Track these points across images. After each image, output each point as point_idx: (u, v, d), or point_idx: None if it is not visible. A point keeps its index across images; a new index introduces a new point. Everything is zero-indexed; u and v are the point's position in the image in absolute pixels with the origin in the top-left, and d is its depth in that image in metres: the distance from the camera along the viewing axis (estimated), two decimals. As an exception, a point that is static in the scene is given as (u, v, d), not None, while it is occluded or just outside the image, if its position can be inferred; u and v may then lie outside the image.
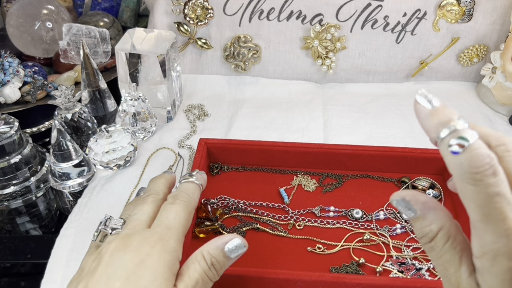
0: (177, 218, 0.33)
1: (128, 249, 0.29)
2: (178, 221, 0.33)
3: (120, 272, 0.28)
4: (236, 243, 0.33)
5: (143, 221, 0.33)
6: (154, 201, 0.35)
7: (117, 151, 0.54)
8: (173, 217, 0.33)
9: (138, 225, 0.32)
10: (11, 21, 0.69)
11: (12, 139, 0.52)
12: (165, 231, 0.31)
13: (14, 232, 0.52)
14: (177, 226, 0.32)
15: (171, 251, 0.31)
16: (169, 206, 0.34)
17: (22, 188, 0.54)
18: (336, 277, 0.40)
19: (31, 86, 0.63)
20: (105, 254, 0.30)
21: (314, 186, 0.54)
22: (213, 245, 0.33)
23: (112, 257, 0.29)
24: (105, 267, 0.29)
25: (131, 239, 0.30)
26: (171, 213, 0.33)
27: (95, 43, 0.66)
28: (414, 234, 0.48)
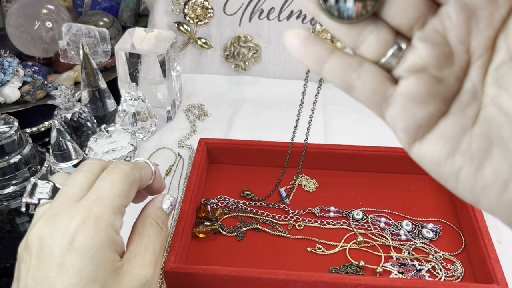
0: (112, 188, 0.28)
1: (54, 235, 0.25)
2: (113, 191, 0.28)
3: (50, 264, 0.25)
4: (170, 201, 0.33)
5: (73, 193, 0.28)
6: (90, 170, 0.29)
7: (117, 151, 0.54)
8: (108, 186, 0.28)
9: (66, 200, 0.27)
10: (11, 20, 0.69)
11: (12, 139, 0.52)
12: (97, 203, 0.27)
13: (13, 232, 0.52)
14: (112, 197, 0.28)
15: (105, 227, 0.26)
16: (106, 175, 0.29)
17: (21, 188, 0.54)
18: (336, 278, 0.40)
19: (31, 86, 0.63)
20: (32, 244, 0.26)
21: (314, 186, 0.54)
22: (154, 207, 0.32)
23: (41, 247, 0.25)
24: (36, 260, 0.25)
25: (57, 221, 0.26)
26: (106, 182, 0.28)
27: (95, 43, 0.66)
28: (414, 235, 0.48)
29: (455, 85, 0.19)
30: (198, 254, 0.46)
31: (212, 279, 0.40)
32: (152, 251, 0.29)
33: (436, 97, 0.19)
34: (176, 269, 0.40)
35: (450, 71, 0.19)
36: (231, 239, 0.48)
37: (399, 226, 0.49)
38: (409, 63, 0.19)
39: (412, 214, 0.50)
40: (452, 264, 0.45)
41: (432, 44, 0.18)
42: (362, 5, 0.18)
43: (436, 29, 0.18)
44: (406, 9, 0.18)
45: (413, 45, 0.19)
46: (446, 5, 0.18)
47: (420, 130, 0.19)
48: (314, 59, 0.20)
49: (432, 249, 0.46)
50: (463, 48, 0.18)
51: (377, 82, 0.19)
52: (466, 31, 0.18)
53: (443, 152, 0.19)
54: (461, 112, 0.19)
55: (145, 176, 0.32)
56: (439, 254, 0.46)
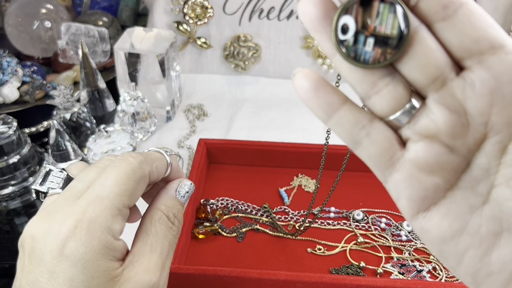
0: (114, 186, 0.24)
1: (46, 238, 0.23)
2: (114, 190, 0.24)
3: (41, 269, 0.23)
4: (187, 188, 0.28)
5: (78, 190, 0.25)
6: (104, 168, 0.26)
7: (116, 151, 0.54)
8: (109, 183, 0.24)
9: (69, 197, 0.25)
10: (10, 20, 0.69)
11: (11, 139, 0.51)
12: (93, 204, 0.24)
13: (13, 233, 0.51)
14: (113, 196, 0.24)
15: (100, 232, 0.23)
16: (110, 169, 0.25)
17: (20, 188, 0.54)
18: (336, 279, 0.39)
19: (30, 85, 0.63)
20: (24, 242, 0.24)
21: (314, 187, 0.53)
22: (166, 196, 0.27)
23: (32, 248, 0.23)
24: (28, 262, 0.23)
25: (51, 220, 0.24)
26: (108, 179, 0.25)
27: (94, 43, 0.66)
28: (415, 235, 0.48)
29: (467, 157, 0.17)
30: (197, 255, 0.46)
31: (212, 280, 0.40)
32: (159, 251, 0.25)
33: (445, 167, 0.17)
34: (175, 270, 0.40)
35: (464, 141, 0.17)
36: (231, 239, 0.47)
37: (400, 227, 0.49)
38: (421, 126, 0.17)
39: (412, 215, 0.50)
40: (453, 265, 0.45)
41: (449, 110, 0.17)
42: (382, 51, 0.16)
43: (456, 95, 0.16)
44: (428, 65, 0.16)
45: (428, 107, 0.17)
46: (470, 71, 0.16)
47: (425, 201, 0.18)
48: (324, 107, 0.18)
49: (432, 249, 0.46)
50: (482, 121, 0.17)
51: (387, 143, 0.18)
52: (488, 104, 0.16)
53: (450, 230, 0.17)
54: (471, 188, 0.17)
55: (158, 170, 0.27)
56: (440, 255, 0.46)
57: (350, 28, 0.16)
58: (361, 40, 0.16)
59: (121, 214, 0.25)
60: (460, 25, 0.16)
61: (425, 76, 0.17)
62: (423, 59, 0.16)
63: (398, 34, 0.16)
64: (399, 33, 0.16)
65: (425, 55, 0.16)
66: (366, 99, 0.18)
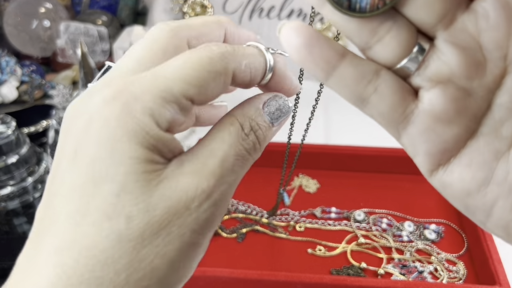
0: (179, 68, 0.18)
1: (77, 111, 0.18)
2: (178, 72, 0.18)
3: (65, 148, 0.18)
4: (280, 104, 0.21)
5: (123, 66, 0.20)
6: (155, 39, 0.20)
7: (116, 151, 0.54)
8: (175, 64, 0.19)
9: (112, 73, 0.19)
10: (9, 19, 0.69)
11: (10, 139, 0.51)
12: (144, 80, 0.18)
13: (11, 234, 0.51)
14: (172, 78, 0.18)
15: (141, 113, 0.17)
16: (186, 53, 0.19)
17: (19, 188, 0.53)
18: (336, 280, 0.39)
19: (29, 85, 0.62)
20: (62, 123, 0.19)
21: (315, 187, 0.53)
22: (249, 106, 0.21)
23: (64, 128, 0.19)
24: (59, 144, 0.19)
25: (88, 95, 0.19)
26: (177, 61, 0.19)
27: (93, 42, 0.66)
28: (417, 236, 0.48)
29: (487, 98, 0.16)
30: (197, 256, 0.46)
31: (212, 281, 0.40)
32: (220, 159, 0.19)
33: (464, 114, 0.16)
34: (175, 271, 0.40)
35: (481, 81, 0.15)
36: (231, 240, 0.47)
37: (401, 227, 0.48)
38: (433, 70, 0.15)
39: (414, 215, 0.50)
40: (455, 266, 0.45)
41: (462, 48, 0.15)
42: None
43: (468, 30, 0.15)
44: (433, 2, 0.14)
45: (438, 48, 0.15)
46: (482, 0, 0.15)
47: (445, 154, 0.16)
48: (321, 65, 0.16)
49: (434, 250, 0.46)
50: (500, 54, 0.15)
51: (398, 97, 0.16)
52: (506, 34, 0.15)
53: (474, 181, 0.16)
54: (494, 132, 0.16)
55: (251, 71, 0.20)
56: (441, 256, 0.45)
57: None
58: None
59: (177, 102, 0.18)
60: None
61: (432, 13, 0.15)
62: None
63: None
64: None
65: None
66: (367, 50, 0.16)
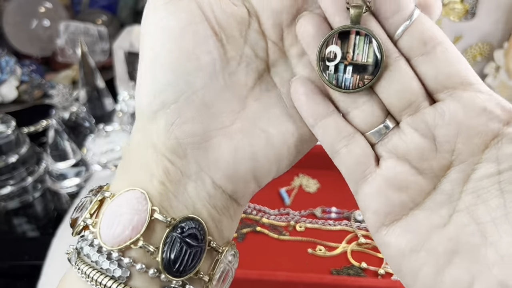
0: None
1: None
2: None
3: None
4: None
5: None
6: None
7: (115, 151, 0.54)
8: None
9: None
10: (8, 19, 0.68)
11: (9, 139, 0.51)
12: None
13: (11, 234, 0.51)
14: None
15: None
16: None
17: (19, 188, 0.53)
18: (337, 280, 0.39)
19: (28, 85, 0.62)
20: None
21: (315, 187, 0.53)
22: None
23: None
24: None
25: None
26: None
27: (93, 41, 0.66)
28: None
29: (433, 181, 0.19)
30: (197, 256, 0.45)
31: (212, 281, 0.40)
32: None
33: (412, 187, 0.18)
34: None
35: (431, 165, 0.18)
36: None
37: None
38: (394, 145, 0.19)
39: (414, 215, 0.50)
40: (455, 266, 0.45)
41: (420, 134, 0.18)
42: (360, 77, 0.18)
43: (427, 121, 0.18)
44: (404, 91, 0.18)
45: (401, 128, 0.19)
46: (442, 103, 0.18)
47: (390, 216, 0.19)
48: (311, 113, 0.20)
49: (434, 250, 0.46)
50: (448, 148, 0.18)
51: (363, 157, 0.19)
52: (455, 133, 0.18)
53: (409, 245, 0.18)
54: (434, 209, 0.18)
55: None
56: (441, 256, 0.45)
57: (331, 58, 0.19)
58: (341, 68, 0.19)
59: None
60: (436, 61, 0.18)
61: (400, 101, 0.18)
62: (400, 85, 0.18)
63: (374, 62, 0.18)
64: (375, 60, 0.18)
65: (401, 82, 0.18)
66: (346, 114, 0.20)
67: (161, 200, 0.19)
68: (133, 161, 0.20)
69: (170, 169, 0.19)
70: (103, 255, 0.18)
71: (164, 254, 0.18)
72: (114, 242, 0.18)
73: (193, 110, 0.19)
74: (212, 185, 0.20)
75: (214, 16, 0.20)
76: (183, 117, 0.19)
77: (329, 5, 0.19)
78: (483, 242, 0.17)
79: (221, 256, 0.20)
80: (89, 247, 0.19)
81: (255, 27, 0.21)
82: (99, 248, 0.19)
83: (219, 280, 0.20)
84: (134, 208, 0.19)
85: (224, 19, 0.20)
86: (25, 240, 0.49)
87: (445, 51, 0.18)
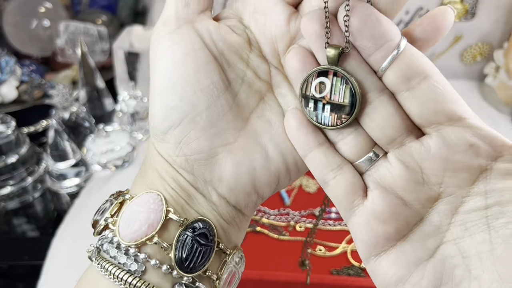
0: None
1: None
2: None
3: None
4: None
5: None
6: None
7: (115, 151, 0.54)
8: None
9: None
10: (8, 19, 0.68)
11: (9, 139, 0.51)
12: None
13: (11, 234, 0.51)
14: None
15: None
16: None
17: (19, 188, 0.53)
18: (337, 280, 0.39)
19: (28, 85, 0.62)
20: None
21: (315, 187, 0.53)
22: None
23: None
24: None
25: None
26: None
27: (93, 41, 0.66)
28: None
29: (421, 212, 0.19)
30: (197, 256, 0.45)
31: (212, 282, 0.40)
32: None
33: (398, 219, 0.19)
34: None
35: (418, 197, 0.18)
36: (231, 240, 0.47)
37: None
38: (380, 175, 0.19)
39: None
40: (455, 266, 0.45)
41: (406, 166, 0.18)
42: (338, 116, 0.19)
43: (413, 155, 0.18)
44: (386, 127, 0.18)
45: (388, 159, 0.19)
46: (428, 137, 0.18)
47: (376, 248, 0.19)
48: (301, 144, 0.20)
49: (434, 250, 0.46)
50: (436, 181, 0.18)
51: (350, 189, 0.19)
52: (441, 168, 0.18)
53: (395, 277, 0.19)
54: (421, 241, 0.19)
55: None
56: (441, 256, 0.45)
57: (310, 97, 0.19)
58: (320, 106, 0.19)
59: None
60: (421, 97, 0.18)
61: (384, 136, 0.19)
62: (382, 121, 0.19)
63: (350, 102, 0.19)
64: (350, 101, 0.19)
65: (383, 118, 0.18)
66: (334, 144, 0.20)
67: (174, 204, 0.21)
68: (148, 168, 0.22)
69: (181, 180, 0.21)
70: (121, 250, 0.20)
71: (177, 251, 0.20)
72: (131, 238, 0.20)
73: (198, 130, 0.21)
74: (218, 196, 0.21)
75: (213, 42, 0.21)
76: (189, 136, 0.21)
77: (312, 42, 0.19)
78: (467, 276, 0.17)
79: (228, 258, 0.21)
80: (109, 244, 0.20)
81: (256, 52, 0.22)
82: (117, 245, 0.20)
83: (226, 281, 0.21)
84: (150, 208, 0.20)
85: (223, 45, 0.21)
86: (25, 240, 0.49)
87: (431, 86, 0.18)
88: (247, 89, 0.22)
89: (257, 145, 0.21)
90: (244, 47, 0.22)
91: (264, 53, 0.22)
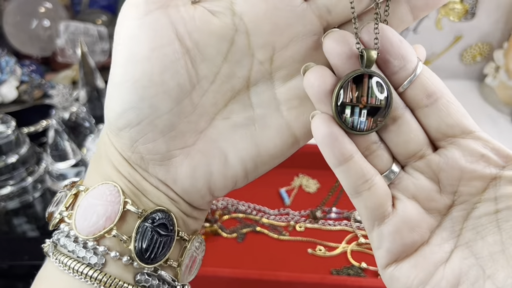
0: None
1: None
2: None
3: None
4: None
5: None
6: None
7: (115, 151, 0.54)
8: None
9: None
10: (8, 19, 0.68)
11: (9, 139, 0.51)
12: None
13: (11, 234, 0.51)
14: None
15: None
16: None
17: (19, 188, 0.53)
18: (337, 280, 0.39)
19: (28, 85, 0.62)
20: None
21: (315, 187, 0.53)
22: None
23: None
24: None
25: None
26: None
27: (93, 42, 0.66)
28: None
29: (438, 219, 0.20)
30: (197, 256, 0.45)
31: (212, 281, 0.40)
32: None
33: (423, 226, 0.20)
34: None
35: (436, 205, 0.20)
36: (231, 240, 0.47)
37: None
38: (404, 186, 0.20)
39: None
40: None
41: (426, 178, 0.20)
42: (374, 120, 0.20)
43: (431, 166, 0.20)
44: (410, 142, 0.20)
45: (408, 171, 0.20)
46: (444, 149, 0.19)
47: (402, 254, 0.20)
48: (336, 154, 0.19)
49: (434, 250, 0.46)
50: (451, 190, 0.20)
51: (384, 198, 0.20)
52: (457, 177, 0.19)
53: (416, 280, 0.19)
54: (439, 245, 0.20)
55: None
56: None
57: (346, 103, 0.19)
58: (357, 111, 0.19)
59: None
60: (439, 112, 0.19)
61: (407, 150, 0.20)
62: (407, 137, 0.20)
63: (385, 104, 0.19)
64: (386, 102, 0.19)
65: (408, 134, 0.20)
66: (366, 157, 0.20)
67: (131, 195, 0.20)
68: (103, 158, 0.21)
69: (136, 175, 0.21)
70: (79, 244, 0.20)
71: (137, 243, 0.19)
72: (89, 231, 0.19)
73: (156, 132, 0.19)
74: (174, 193, 0.21)
75: (187, 33, 0.19)
76: (146, 138, 0.20)
77: (336, 56, 0.19)
78: (481, 275, 0.18)
79: (188, 244, 0.21)
80: (66, 238, 0.20)
81: (240, 45, 0.20)
82: (75, 239, 0.20)
83: (187, 266, 0.22)
84: (107, 200, 0.20)
85: (199, 36, 0.19)
86: (25, 240, 0.49)
87: (447, 103, 0.19)
88: (218, 87, 0.20)
89: (217, 150, 0.21)
90: (225, 37, 0.19)
91: (252, 44, 0.20)
